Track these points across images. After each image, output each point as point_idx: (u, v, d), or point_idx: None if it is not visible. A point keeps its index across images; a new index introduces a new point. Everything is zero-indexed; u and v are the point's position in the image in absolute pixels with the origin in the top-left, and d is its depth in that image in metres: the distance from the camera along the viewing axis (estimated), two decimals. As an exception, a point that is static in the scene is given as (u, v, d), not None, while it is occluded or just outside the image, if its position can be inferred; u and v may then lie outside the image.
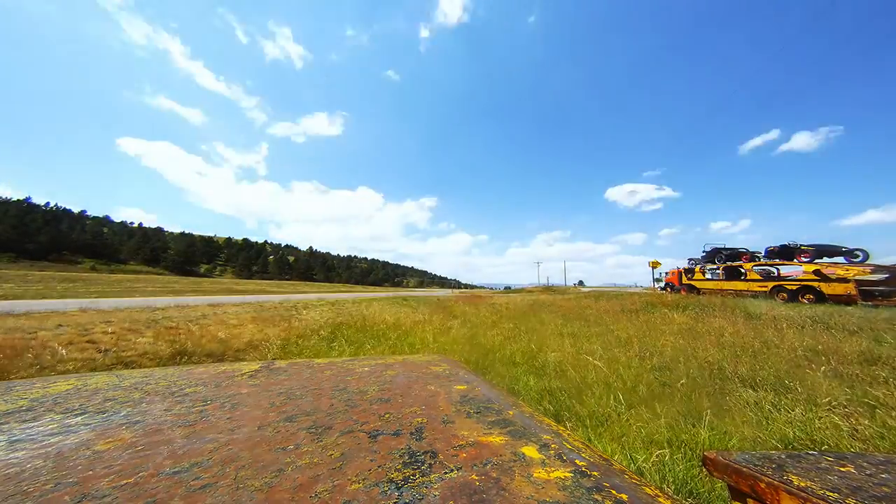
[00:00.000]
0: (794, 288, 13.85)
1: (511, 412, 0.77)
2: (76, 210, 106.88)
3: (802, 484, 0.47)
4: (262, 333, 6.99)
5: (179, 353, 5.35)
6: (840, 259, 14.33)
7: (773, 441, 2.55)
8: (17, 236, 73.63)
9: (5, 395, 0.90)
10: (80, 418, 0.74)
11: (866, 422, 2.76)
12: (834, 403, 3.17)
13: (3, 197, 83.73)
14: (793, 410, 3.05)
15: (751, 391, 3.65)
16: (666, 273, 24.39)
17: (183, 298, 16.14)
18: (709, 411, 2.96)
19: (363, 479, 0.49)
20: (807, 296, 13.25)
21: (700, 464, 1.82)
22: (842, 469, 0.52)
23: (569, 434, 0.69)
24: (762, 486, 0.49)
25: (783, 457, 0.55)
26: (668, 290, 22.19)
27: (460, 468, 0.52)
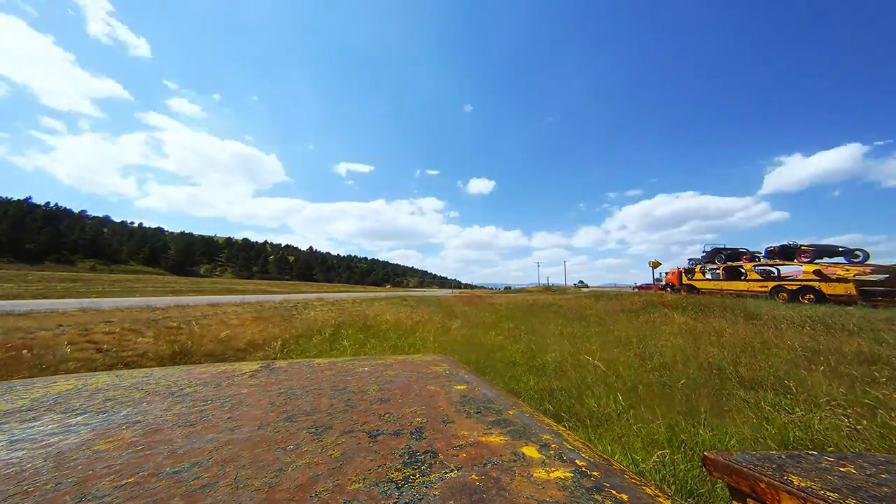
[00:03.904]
0: (795, 288, 13.85)
1: (511, 412, 0.77)
2: (76, 210, 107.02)
3: (802, 484, 0.47)
4: (263, 333, 6.99)
5: (180, 353, 5.35)
6: (840, 259, 14.33)
7: (773, 441, 2.56)
8: (16, 236, 73.67)
9: (5, 395, 0.90)
10: (80, 418, 0.74)
11: (866, 422, 2.76)
12: (833, 403, 3.17)
13: (3, 197, 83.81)
14: (792, 411, 3.05)
15: (750, 391, 3.65)
16: (666, 273, 24.40)
17: (183, 298, 16.15)
18: (708, 411, 2.96)
19: (363, 479, 0.49)
20: (807, 296, 13.24)
21: (700, 464, 1.82)
22: (842, 469, 0.52)
23: (569, 434, 0.69)
24: (762, 486, 0.49)
25: (783, 457, 0.55)
26: (668, 290, 22.20)
27: (460, 468, 0.52)
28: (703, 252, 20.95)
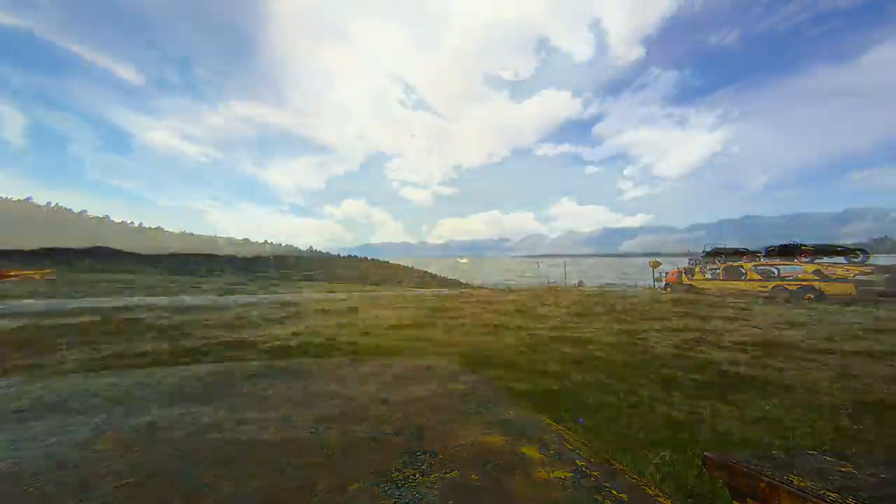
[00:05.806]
0: (795, 288, 13.86)
1: (511, 412, 0.77)
2: (76, 210, 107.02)
3: (802, 484, 0.47)
4: (263, 333, 7.01)
5: (181, 352, 5.35)
6: (840, 259, 14.35)
7: (774, 441, 2.56)
8: (16, 236, 73.74)
9: (5, 395, 0.90)
10: (80, 418, 0.74)
11: (867, 421, 2.76)
12: (833, 403, 3.17)
13: (3, 197, 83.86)
14: (793, 410, 3.05)
15: (751, 391, 3.65)
16: (666, 273, 24.38)
17: (183, 298, 16.16)
18: (707, 410, 2.96)
19: (363, 479, 0.49)
20: (807, 296, 13.26)
21: (701, 464, 1.82)
22: (842, 469, 0.52)
23: (569, 434, 0.70)
24: (762, 486, 0.49)
25: (783, 457, 0.55)
26: (669, 290, 22.18)
27: (460, 468, 0.52)
28: (704, 252, 20.95)
